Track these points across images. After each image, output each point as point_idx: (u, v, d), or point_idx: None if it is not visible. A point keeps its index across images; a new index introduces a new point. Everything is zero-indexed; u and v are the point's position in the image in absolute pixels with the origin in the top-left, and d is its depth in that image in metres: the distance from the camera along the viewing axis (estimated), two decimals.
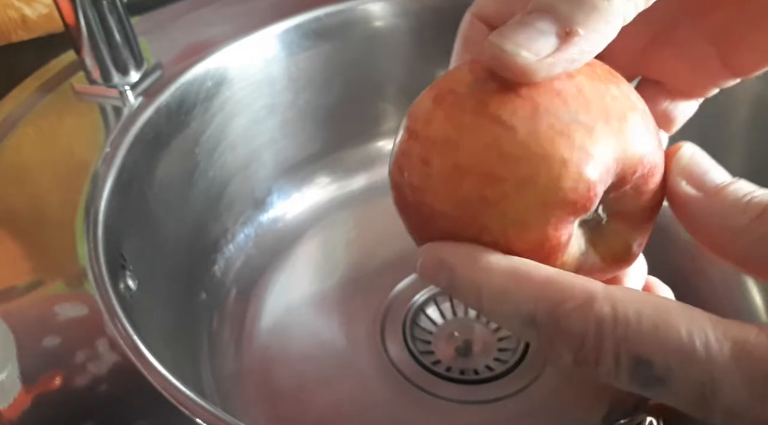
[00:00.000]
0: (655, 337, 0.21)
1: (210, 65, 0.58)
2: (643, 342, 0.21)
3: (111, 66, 0.54)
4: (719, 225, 0.23)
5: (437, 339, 0.58)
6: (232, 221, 0.64)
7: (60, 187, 0.48)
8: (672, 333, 0.21)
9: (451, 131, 0.23)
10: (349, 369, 0.56)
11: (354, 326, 0.59)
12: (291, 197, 0.68)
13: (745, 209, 0.23)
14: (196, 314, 0.58)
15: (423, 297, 0.60)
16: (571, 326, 0.21)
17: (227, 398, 0.54)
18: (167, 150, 0.55)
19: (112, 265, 0.43)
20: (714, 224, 0.24)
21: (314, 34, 0.63)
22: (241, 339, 0.58)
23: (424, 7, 0.65)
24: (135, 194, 0.51)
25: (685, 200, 0.24)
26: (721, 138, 0.61)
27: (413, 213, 0.25)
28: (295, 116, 0.66)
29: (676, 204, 0.25)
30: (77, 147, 0.51)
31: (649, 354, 0.21)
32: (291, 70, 0.63)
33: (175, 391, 0.35)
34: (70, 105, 0.55)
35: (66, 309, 0.40)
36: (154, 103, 0.54)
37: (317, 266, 0.65)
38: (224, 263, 0.63)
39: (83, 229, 0.44)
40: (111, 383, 0.36)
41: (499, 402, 0.53)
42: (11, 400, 0.35)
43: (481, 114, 0.23)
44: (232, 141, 0.61)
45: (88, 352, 0.37)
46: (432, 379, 0.54)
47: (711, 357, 0.20)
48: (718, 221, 0.23)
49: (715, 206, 0.24)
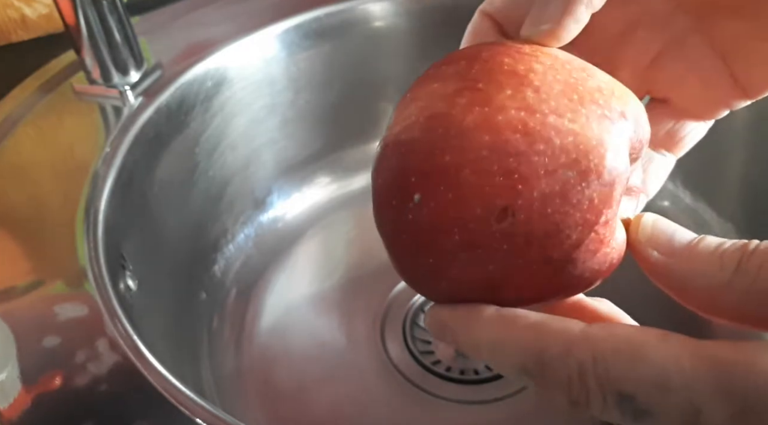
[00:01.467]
0: (632, 372, 0.21)
1: (210, 65, 0.58)
2: (623, 378, 0.21)
3: (111, 66, 0.54)
4: (704, 287, 0.23)
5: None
6: (232, 221, 0.64)
7: (60, 187, 0.48)
8: (647, 366, 0.21)
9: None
10: (350, 368, 0.56)
11: (354, 326, 0.59)
12: (291, 197, 0.68)
13: (722, 264, 0.23)
14: (196, 314, 0.58)
15: (423, 298, 0.60)
16: (556, 372, 0.22)
17: (227, 398, 0.54)
18: (167, 150, 0.55)
19: (112, 265, 0.43)
20: (698, 286, 0.23)
21: (314, 34, 0.63)
22: (241, 338, 0.58)
23: (425, 8, 0.65)
24: (135, 194, 0.51)
25: (663, 269, 0.24)
26: (720, 145, 0.61)
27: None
28: (295, 116, 0.66)
29: (656, 275, 0.25)
30: (77, 147, 0.51)
31: (630, 390, 0.21)
32: (291, 70, 0.63)
33: (175, 391, 0.35)
34: (70, 105, 0.55)
35: (66, 309, 0.40)
36: (154, 103, 0.54)
37: (317, 266, 0.65)
38: (224, 263, 0.63)
39: (83, 229, 0.44)
40: (111, 383, 0.36)
41: (498, 402, 0.53)
42: (11, 400, 0.35)
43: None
44: (232, 141, 0.61)
45: (88, 352, 0.37)
46: (432, 379, 0.54)
47: (688, 384, 0.21)
48: (700, 282, 0.23)
49: (694, 267, 0.23)
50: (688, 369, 0.21)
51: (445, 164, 0.21)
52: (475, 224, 0.21)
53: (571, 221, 0.21)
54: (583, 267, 0.23)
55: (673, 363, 0.21)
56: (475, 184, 0.21)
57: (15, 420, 0.34)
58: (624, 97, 0.23)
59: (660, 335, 0.22)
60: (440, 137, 0.22)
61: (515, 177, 0.21)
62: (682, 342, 0.21)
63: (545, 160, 0.21)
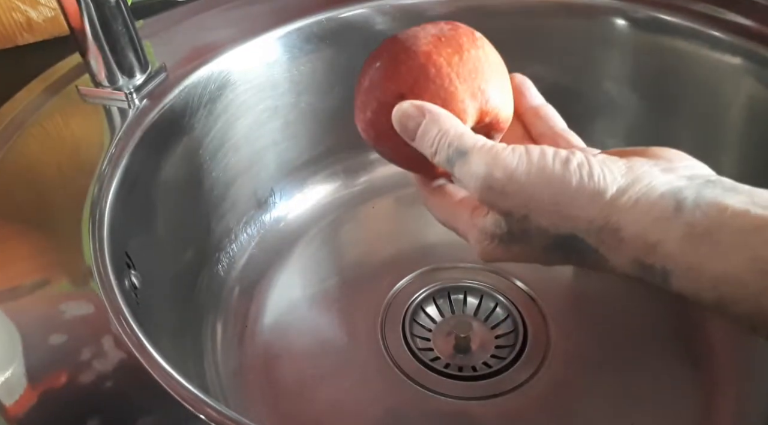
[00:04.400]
0: (458, 148, 0.36)
1: (213, 68, 0.58)
2: (454, 149, 0.36)
3: (116, 69, 0.54)
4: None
5: (436, 336, 0.58)
6: (236, 221, 0.64)
7: (66, 187, 0.48)
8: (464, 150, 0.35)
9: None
10: (350, 365, 0.56)
11: (354, 324, 0.59)
12: (293, 198, 0.69)
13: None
14: (200, 313, 0.59)
15: (422, 295, 0.61)
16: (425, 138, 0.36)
17: (230, 394, 0.54)
18: (172, 151, 0.56)
19: (117, 264, 0.44)
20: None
21: (316, 38, 0.64)
22: (244, 336, 0.59)
23: (424, 13, 0.66)
24: (140, 194, 0.51)
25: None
26: (715, 140, 0.61)
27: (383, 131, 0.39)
28: (297, 119, 0.66)
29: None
30: (83, 148, 0.51)
31: (454, 157, 0.35)
32: (293, 74, 0.64)
33: (179, 388, 0.35)
34: (75, 107, 0.55)
35: (72, 307, 0.40)
36: (159, 105, 0.54)
37: (318, 265, 0.65)
38: (227, 262, 0.63)
39: (89, 228, 0.44)
40: (116, 380, 0.36)
41: (496, 398, 0.53)
42: (17, 397, 0.35)
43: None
44: (235, 143, 0.62)
45: (94, 350, 0.37)
46: (431, 375, 0.55)
47: (464, 150, 0.35)
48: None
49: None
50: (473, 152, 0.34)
51: (399, 59, 0.38)
52: (390, 93, 0.38)
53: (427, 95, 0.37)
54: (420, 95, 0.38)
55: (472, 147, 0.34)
56: (404, 75, 0.37)
57: (21, 416, 0.34)
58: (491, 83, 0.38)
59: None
60: (405, 48, 0.38)
61: (419, 85, 0.37)
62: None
63: (434, 84, 0.37)
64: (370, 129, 0.40)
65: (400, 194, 0.70)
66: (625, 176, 0.32)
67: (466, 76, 0.37)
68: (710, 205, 0.30)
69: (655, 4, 0.62)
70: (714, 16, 0.60)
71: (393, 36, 0.40)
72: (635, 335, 0.57)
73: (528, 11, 0.66)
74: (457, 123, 0.36)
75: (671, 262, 0.31)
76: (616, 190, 0.32)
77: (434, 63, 0.37)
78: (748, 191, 0.30)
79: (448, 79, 0.37)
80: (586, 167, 0.32)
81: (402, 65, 0.38)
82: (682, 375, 0.55)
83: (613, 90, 0.67)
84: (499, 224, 0.35)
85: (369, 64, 0.40)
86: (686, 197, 0.31)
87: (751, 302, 0.28)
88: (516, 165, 0.33)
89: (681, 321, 0.58)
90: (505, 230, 0.35)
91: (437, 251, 0.64)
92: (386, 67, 0.38)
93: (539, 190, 0.32)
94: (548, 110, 0.42)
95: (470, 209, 0.37)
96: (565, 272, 0.63)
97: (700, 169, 0.33)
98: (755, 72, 0.57)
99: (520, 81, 0.42)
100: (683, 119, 0.63)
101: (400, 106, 0.37)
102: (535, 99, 0.42)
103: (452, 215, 0.39)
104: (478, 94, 0.37)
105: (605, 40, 0.65)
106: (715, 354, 0.56)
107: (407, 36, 0.39)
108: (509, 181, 0.33)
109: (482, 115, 0.38)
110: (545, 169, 0.32)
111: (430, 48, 0.38)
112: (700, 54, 0.60)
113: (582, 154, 0.33)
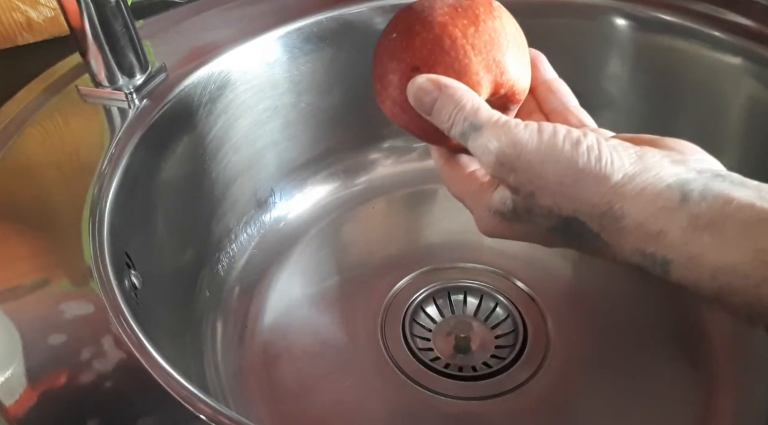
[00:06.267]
0: (474, 124, 0.36)
1: (213, 68, 0.58)
2: (471, 125, 0.36)
3: (116, 69, 0.54)
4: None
5: (436, 336, 0.58)
6: (236, 221, 0.65)
7: (66, 187, 0.48)
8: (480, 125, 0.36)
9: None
10: (350, 365, 0.56)
11: (354, 324, 0.59)
12: (293, 198, 0.69)
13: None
14: (200, 313, 0.59)
15: (422, 295, 0.61)
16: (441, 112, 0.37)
17: (230, 394, 0.54)
18: (172, 152, 0.56)
19: (117, 264, 0.44)
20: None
21: (316, 38, 0.64)
22: (244, 336, 0.59)
23: None
24: (140, 194, 0.51)
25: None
26: (715, 140, 0.61)
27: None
28: (296, 119, 0.66)
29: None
30: (83, 148, 0.51)
31: (471, 131, 0.36)
32: (293, 74, 0.64)
33: (179, 388, 0.35)
34: (75, 107, 0.55)
35: (71, 307, 0.40)
36: (159, 105, 0.54)
37: (318, 265, 0.65)
38: (228, 262, 0.63)
39: (89, 228, 0.44)
40: (116, 380, 0.36)
41: (496, 398, 0.53)
42: (17, 397, 0.35)
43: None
44: (235, 143, 0.62)
45: (94, 350, 0.37)
46: (431, 376, 0.55)
47: (480, 127, 0.35)
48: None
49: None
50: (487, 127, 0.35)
51: (415, 31, 0.38)
52: (405, 65, 0.38)
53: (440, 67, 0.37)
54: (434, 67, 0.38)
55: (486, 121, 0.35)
56: (419, 47, 0.37)
57: (20, 416, 0.34)
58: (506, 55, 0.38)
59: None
60: (421, 19, 0.38)
61: (433, 57, 0.37)
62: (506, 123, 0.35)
63: (449, 56, 0.37)
64: (387, 101, 0.40)
65: (400, 194, 0.70)
66: (634, 164, 0.32)
67: (482, 47, 0.37)
68: (716, 197, 0.30)
69: (655, 4, 0.62)
70: (714, 16, 0.60)
71: (409, 5, 0.39)
72: (635, 335, 0.57)
73: (528, 11, 0.66)
74: (472, 97, 0.36)
75: (673, 251, 0.31)
76: (621, 177, 0.32)
77: (449, 35, 0.37)
78: (756, 186, 0.31)
79: (463, 52, 0.37)
80: (596, 150, 0.32)
81: (417, 37, 0.38)
82: (681, 374, 0.55)
83: (613, 90, 0.67)
84: (505, 201, 0.35)
85: (386, 35, 0.40)
86: (693, 189, 0.31)
87: (751, 294, 0.29)
88: (527, 141, 0.33)
89: (681, 321, 0.58)
90: (510, 208, 0.35)
91: (437, 251, 0.64)
92: (401, 38, 0.38)
93: (546, 168, 0.33)
94: (561, 85, 0.42)
95: (478, 183, 0.38)
96: (565, 272, 0.63)
97: (710, 163, 0.34)
98: (755, 72, 0.57)
99: (534, 55, 0.42)
100: (683, 119, 0.63)
101: (415, 80, 0.37)
102: (548, 73, 0.42)
103: (461, 187, 0.39)
104: (493, 67, 0.37)
105: (605, 40, 0.65)
106: (715, 353, 0.56)
107: (423, 6, 0.39)
108: (518, 157, 0.33)
109: (497, 87, 0.38)
110: (554, 147, 0.33)
111: (446, 19, 0.37)
112: (700, 54, 0.60)
113: (594, 136, 0.33)
